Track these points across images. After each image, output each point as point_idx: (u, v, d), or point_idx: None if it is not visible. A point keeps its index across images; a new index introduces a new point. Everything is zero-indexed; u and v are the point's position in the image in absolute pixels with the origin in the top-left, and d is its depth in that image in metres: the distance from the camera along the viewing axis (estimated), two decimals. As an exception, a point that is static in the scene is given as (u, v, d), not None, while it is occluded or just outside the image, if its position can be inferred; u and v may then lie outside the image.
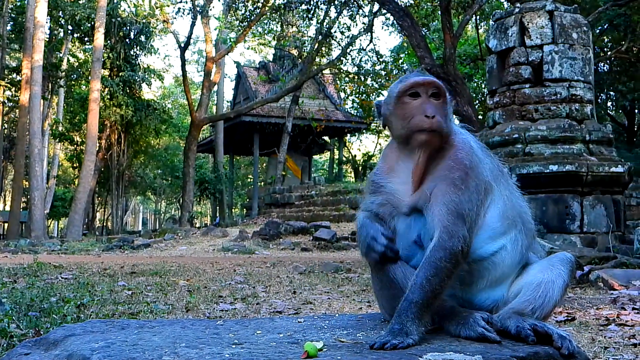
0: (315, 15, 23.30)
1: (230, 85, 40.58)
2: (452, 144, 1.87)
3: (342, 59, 26.16)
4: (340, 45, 25.76)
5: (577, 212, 8.94)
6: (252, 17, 24.31)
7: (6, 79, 28.11)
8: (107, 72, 27.65)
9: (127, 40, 28.90)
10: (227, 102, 38.59)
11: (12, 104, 30.78)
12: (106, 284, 6.08)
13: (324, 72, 27.79)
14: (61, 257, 11.75)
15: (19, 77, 27.25)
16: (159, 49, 40.88)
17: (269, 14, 24.49)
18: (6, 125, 33.23)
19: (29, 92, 21.36)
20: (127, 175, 31.91)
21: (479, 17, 22.55)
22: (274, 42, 29.68)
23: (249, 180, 44.10)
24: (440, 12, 17.11)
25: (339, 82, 28.21)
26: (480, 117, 17.29)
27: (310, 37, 27.38)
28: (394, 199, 1.91)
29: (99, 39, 22.74)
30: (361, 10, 23.61)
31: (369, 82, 25.87)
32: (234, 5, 24.34)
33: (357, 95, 26.90)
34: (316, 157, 42.77)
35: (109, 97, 27.20)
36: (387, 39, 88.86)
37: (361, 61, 26.30)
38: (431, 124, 1.80)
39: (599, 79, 23.06)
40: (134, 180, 34.70)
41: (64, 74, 30.84)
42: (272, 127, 28.54)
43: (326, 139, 33.36)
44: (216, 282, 6.55)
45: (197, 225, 34.23)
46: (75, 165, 32.80)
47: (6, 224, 26.73)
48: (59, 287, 5.69)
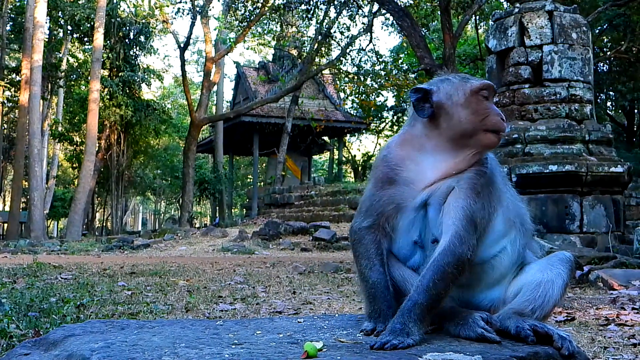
0: (314, 15, 23.30)
1: (230, 85, 40.63)
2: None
3: (341, 59, 26.16)
4: (339, 45, 25.76)
5: (576, 212, 8.94)
6: (252, 17, 24.30)
7: (6, 79, 28.07)
8: (106, 72, 27.63)
9: (127, 40, 28.87)
10: (227, 102, 38.57)
11: (11, 104, 30.75)
12: (106, 284, 6.08)
13: (323, 72, 27.76)
14: (61, 257, 11.74)
15: (18, 78, 27.20)
16: (158, 49, 40.90)
17: (268, 14, 24.46)
18: (6, 125, 33.21)
19: (29, 93, 21.33)
20: (126, 175, 31.88)
21: (478, 17, 22.57)
22: (274, 42, 29.65)
23: (249, 180, 44.09)
24: (439, 12, 17.10)
25: (338, 82, 28.17)
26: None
27: (309, 37, 27.36)
28: (404, 190, 1.85)
29: (99, 39, 22.71)
30: (361, 10, 23.62)
31: (369, 82, 25.85)
32: (234, 5, 24.31)
33: (357, 95, 26.87)
34: (316, 157, 42.75)
35: (108, 97, 27.18)
36: (387, 39, 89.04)
37: (361, 61, 26.33)
38: (505, 127, 1.85)
39: (599, 79, 23.07)
40: (133, 180, 34.66)
41: (63, 74, 30.79)
42: (271, 127, 28.52)
43: (326, 139, 33.34)
44: (216, 282, 6.55)
45: (197, 225, 34.24)
46: (74, 165, 32.78)
47: (6, 224, 26.69)
48: (59, 288, 5.69)
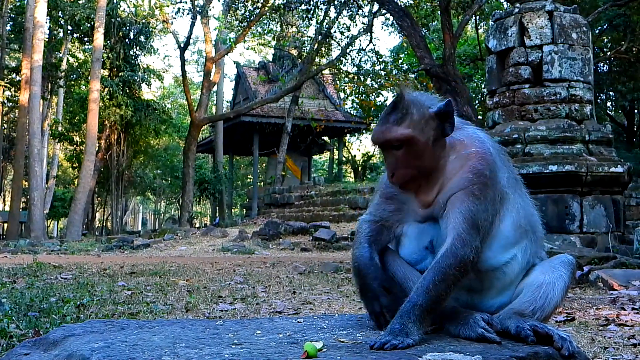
0: (314, 15, 23.27)
1: (230, 85, 40.64)
2: (468, 152, 1.82)
3: (341, 59, 26.13)
4: (340, 45, 25.75)
5: (576, 212, 8.94)
6: (252, 17, 24.29)
7: (6, 79, 28.06)
8: (106, 72, 27.63)
9: (127, 40, 28.87)
10: (227, 102, 38.57)
11: (11, 104, 30.74)
12: (106, 284, 6.08)
13: (323, 72, 27.75)
14: (61, 257, 11.74)
15: (18, 77, 27.20)
16: (158, 49, 40.89)
17: (268, 14, 24.45)
18: (6, 125, 33.21)
19: (29, 92, 21.33)
20: (126, 175, 31.88)
21: (478, 17, 22.54)
22: (274, 42, 29.63)
23: (249, 180, 44.08)
24: (439, 12, 17.08)
25: (338, 82, 28.16)
26: (480, 117, 17.28)
27: (310, 37, 27.35)
28: (407, 207, 1.91)
29: (99, 39, 22.71)
30: (361, 10, 23.59)
31: (369, 82, 25.83)
32: (234, 5, 24.30)
33: (357, 95, 26.85)
34: (316, 157, 42.74)
35: (108, 97, 27.18)
36: (387, 39, 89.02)
37: (361, 61, 26.27)
38: (394, 182, 1.83)
39: (599, 79, 23.07)
40: (133, 180, 34.66)
41: (63, 74, 30.79)
42: (271, 127, 28.52)
43: (326, 139, 33.34)
44: (216, 282, 6.55)
45: (197, 225, 34.23)
46: (74, 165, 32.78)
47: (6, 224, 26.69)
48: (59, 287, 5.69)
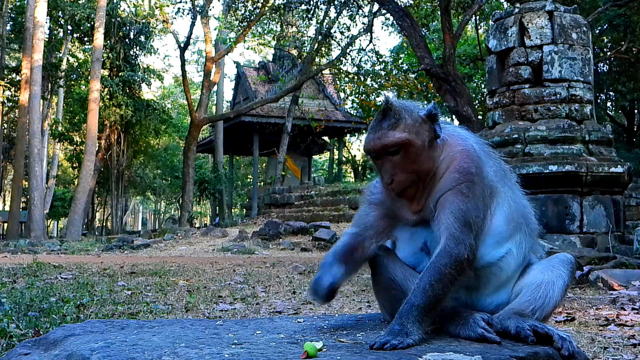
0: (315, 15, 23.29)
1: (230, 85, 40.61)
2: (454, 152, 1.83)
3: (341, 59, 26.13)
4: (340, 45, 25.74)
5: (576, 212, 8.94)
6: (252, 17, 24.30)
7: (6, 79, 28.06)
8: (106, 72, 27.64)
9: (127, 40, 28.88)
10: (227, 102, 38.55)
11: (11, 104, 30.74)
12: (106, 284, 6.08)
13: (323, 72, 27.74)
14: (61, 257, 11.74)
15: (18, 77, 27.20)
16: (158, 49, 40.87)
17: (268, 14, 24.46)
18: (6, 125, 33.19)
19: (29, 92, 21.33)
20: (126, 175, 31.89)
21: (478, 17, 22.53)
22: (274, 42, 29.64)
23: (249, 180, 44.07)
24: (439, 13, 17.08)
25: (338, 82, 28.15)
26: (480, 117, 17.27)
27: (310, 37, 27.33)
28: (395, 213, 1.90)
29: (99, 39, 22.71)
30: (361, 10, 23.60)
31: (369, 82, 25.84)
32: (234, 5, 24.31)
33: (357, 95, 26.84)
34: (316, 157, 42.73)
35: (108, 97, 27.19)
36: (387, 39, 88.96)
37: (361, 61, 26.27)
38: (393, 189, 1.81)
39: (599, 79, 23.05)
40: (133, 180, 34.68)
41: (63, 74, 30.79)
42: (271, 127, 28.50)
43: (326, 139, 33.33)
44: (216, 282, 6.55)
45: (197, 225, 34.22)
46: (74, 165, 32.80)
47: (6, 224, 26.69)
48: (59, 287, 5.69)
